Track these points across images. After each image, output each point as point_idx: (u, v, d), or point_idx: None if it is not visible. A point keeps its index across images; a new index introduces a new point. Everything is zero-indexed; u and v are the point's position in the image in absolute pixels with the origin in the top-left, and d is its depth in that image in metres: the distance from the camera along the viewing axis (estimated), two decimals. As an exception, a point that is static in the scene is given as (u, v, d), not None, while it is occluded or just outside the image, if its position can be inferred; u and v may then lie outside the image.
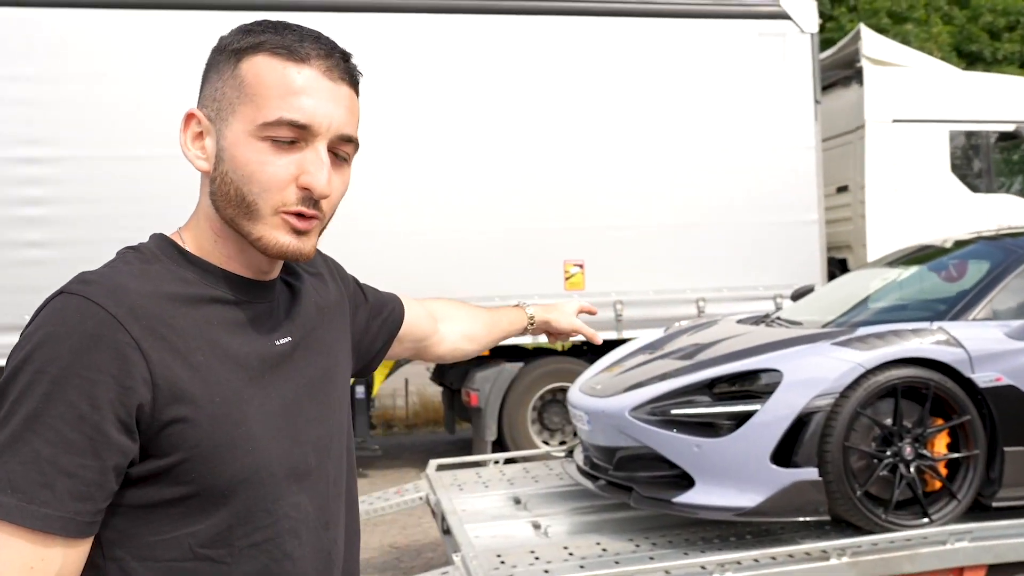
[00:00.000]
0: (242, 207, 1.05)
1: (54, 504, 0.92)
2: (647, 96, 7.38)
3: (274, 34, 1.05)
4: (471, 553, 3.46)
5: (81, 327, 0.95)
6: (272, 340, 1.11)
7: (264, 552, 1.06)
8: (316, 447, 1.13)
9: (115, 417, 0.94)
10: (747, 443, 3.34)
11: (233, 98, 1.04)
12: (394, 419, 10.36)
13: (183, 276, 1.06)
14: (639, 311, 7.36)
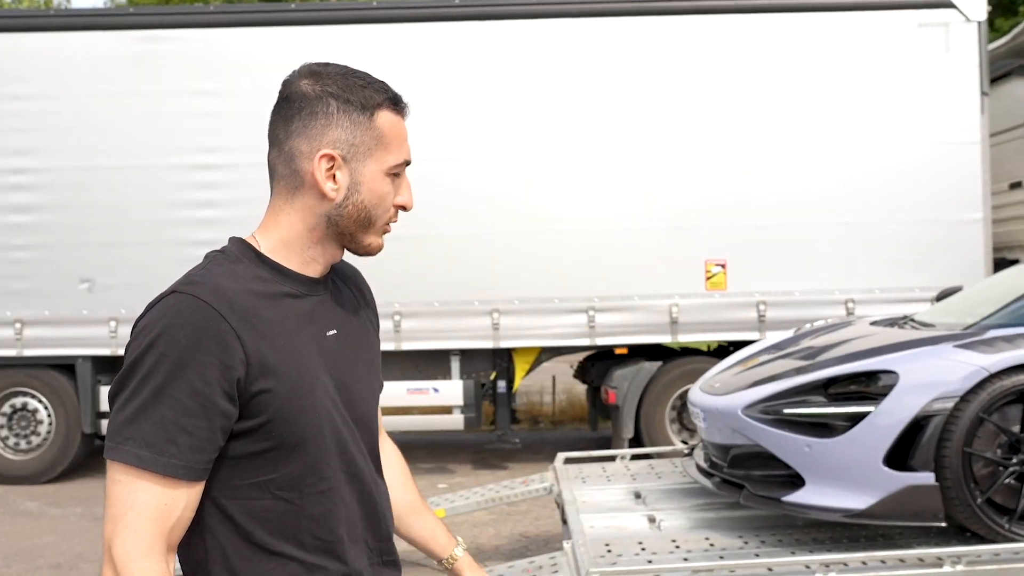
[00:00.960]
0: (365, 224, 1.38)
1: (179, 456, 1.20)
2: (798, 92, 7.23)
3: (387, 93, 1.38)
4: (580, 541, 3.58)
5: (193, 320, 1.22)
6: (325, 330, 1.38)
7: (327, 498, 1.33)
8: (360, 420, 1.41)
9: (221, 389, 1.22)
10: (859, 445, 3.29)
11: (371, 145, 1.35)
12: (541, 415, 10.56)
13: (259, 275, 1.33)
14: (783, 312, 7.22)
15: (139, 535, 1.19)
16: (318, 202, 1.34)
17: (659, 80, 7.25)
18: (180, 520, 1.23)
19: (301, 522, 1.30)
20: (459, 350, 7.45)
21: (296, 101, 1.35)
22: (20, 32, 7.22)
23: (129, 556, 1.19)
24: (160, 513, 1.21)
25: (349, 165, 1.34)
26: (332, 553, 1.33)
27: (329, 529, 1.33)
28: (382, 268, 7.13)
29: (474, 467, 7.79)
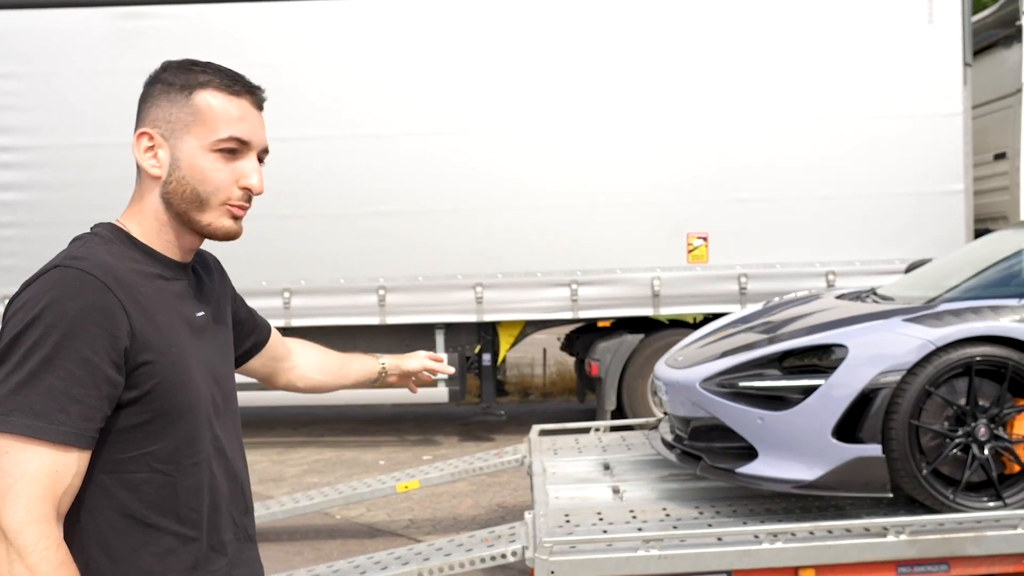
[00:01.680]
0: (195, 202, 1.40)
1: (69, 424, 1.24)
2: (778, 63, 7.22)
3: (216, 75, 1.41)
4: (541, 511, 3.67)
5: (82, 292, 1.26)
6: (195, 311, 1.46)
7: (200, 470, 1.40)
8: (224, 395, 1.50)
9: (109, 359, 1.27)
10: (809, 417, 3.36)
11: (189, 122, 1.38)
12: (531, 387, 10.67)
13: (133, 256, 1.39)
14: (764, 284, 7.27)
15: (31, 503, 1.21)
16: (151, 183, 1.40)
17: (638, 52, 7.25)
18: (70, 488, 1.26)
19: (177, 495, 1.36)
20: (444, 324, 7.52)
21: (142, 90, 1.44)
22: (6, 10, 7.23)
23: (22, 523, 1.20)
24: (52, 481, 1.23)
25: (168, 142, 1.38)
26: (202, 525, 1.40)
27: (200, 501, 1.39)
28: (366, 244, 7.30)
29: (460, 439, 7.90)
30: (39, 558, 1.20)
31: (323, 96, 7.24)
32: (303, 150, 7.22)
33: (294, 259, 7.29)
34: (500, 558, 3.40)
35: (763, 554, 3.15)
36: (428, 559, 3.47)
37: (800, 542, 3.18)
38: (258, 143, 1.43)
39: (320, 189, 7.26)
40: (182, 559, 1.37)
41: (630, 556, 3.16)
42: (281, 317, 7.23)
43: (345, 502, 4.83)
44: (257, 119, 1.43)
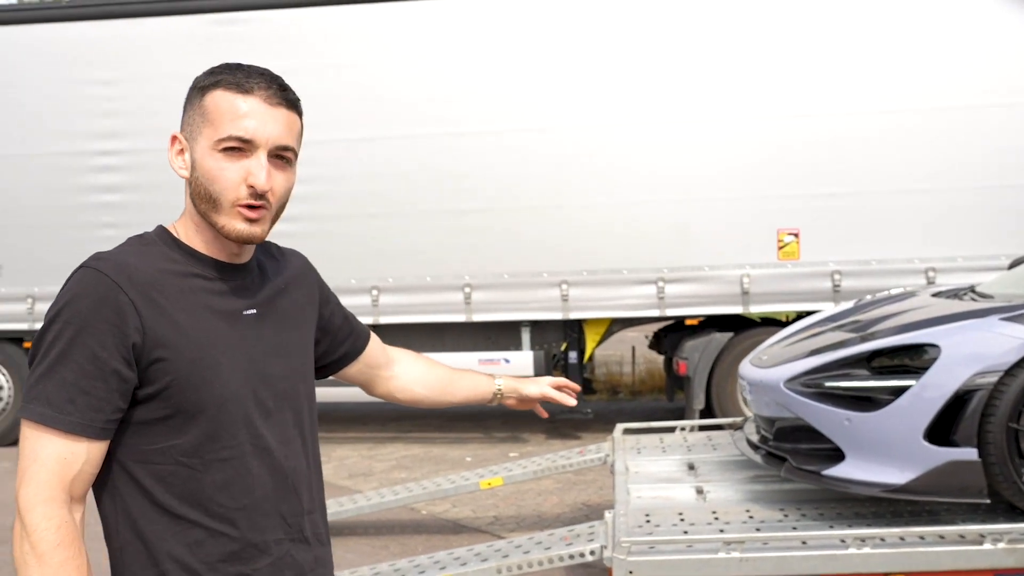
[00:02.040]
0: (210, 202, 1.40)
1: (76, 414, 1.31)
2: (875, 55, 7.00)
3: (228, 74, 1.40)
4: (621, 510, 3.65)
5: (95, 291, 1.33)
6: (240, 309, 1.46)
7: (229, 467, 1.41)
8: (277, 395, 1.48)
9: (118, 354, 1.33)
10: (899, 419, 3.24)
11: (200, 123, 1.40)
12: (620, 385, 10.60)
13: (172, 257, 1.43)
14: (859, 282, 7.05)
15: (40, 484, 1.30)
16: (186, 185, 1.44)
17: (726, 44, 7.13)
18: (81, 474, 1.33)
19: (204, 488, 1.38)
20: (529, 321, 7.54)
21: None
22: (107, 19, 7.58)
23: (31, 503, 1.29)
24: (60, 466, 1.31)
25: (191, 144, 1.41)
26: (235, 521, 1.40)
27: (232, 497, 1.40)
28: (452, 241, 7.37)
29: (547, 437, 7.91)
30: (39, 537, 1.28)
31: (409, 95, 7.35)
32: (390, 149, 7.35)
33: (382, 257, 7.42)
34: (578, 557, 3.39)
35: (850, 559, 3.05)
36: (507, 556, 3.49)
37: (890, 547, 3.07)
38: (267, 140, 1.38)
39: (407, 187, 7.37)
40: (211, 552, 1.39)
41: (710, 558, 3.10)
42: (369, 315, 7.37)
43: (429, 498, 4.90)
44: (268, 116, 1.38)
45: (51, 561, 1.29)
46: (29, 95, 7.75)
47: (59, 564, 1.29)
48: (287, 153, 1.42)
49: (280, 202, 1.44)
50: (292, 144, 1.42)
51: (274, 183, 1.40)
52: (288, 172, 1.44)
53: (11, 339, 8.02)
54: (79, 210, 7.67)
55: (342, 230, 7.39)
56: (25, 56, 7.74)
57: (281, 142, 1.39)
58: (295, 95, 1.44)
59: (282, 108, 1.40)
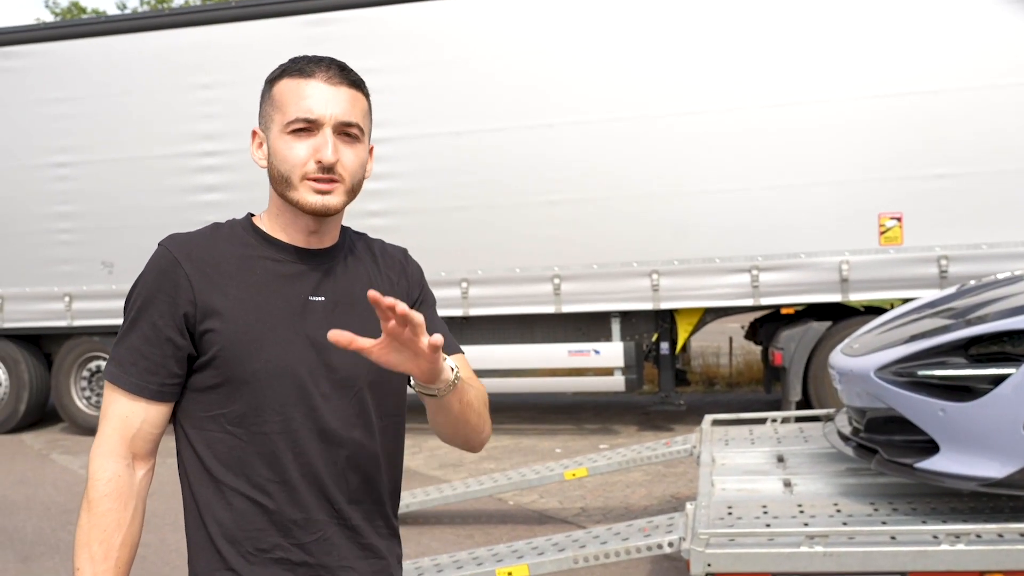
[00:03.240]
0: (283, 182, 1.47)
1: (135, 376, 1.44)
2: (976, 25, 6.62)
3: (292, 64, 1.50)
4: (703, 503, 3.55)
5: (158, 266, 1.46)
6: (306, 294, 1.49)
7: (271, 441, 1.45)
8: (334, 382, 1.48)
9: (172, 323, 1.44)
10: (998, 409, 3.05)
11: (272, 113, 1.49)
12: (717, 377, 10.39)
13: (245, 240, 1.52)
14: (968, 267, 6.70)
15: (103, 438, 1.44)
16: (265, 173, 1.52)
17: (819, 21, 6.87)
18: (140, 433, 1.45)
19: (247, 458, 1.44)
20: (619, 312, 7.46)
21: None
22: (202, 26, 7.86)
23: (95, 453, 1.44)
24: (122, 423, 1.44)
25: (266, 135, 1.50)
26: (274, 494, 1.44)
27: (272, 470, 1.44)
28: (540, 233, 7.34)
29: (639, 429, 7.81)
30: (91, 485, 1.42)
31: (496, 89, 7.36)
32: (478, 142, 7.38)
33: (471, 249, 7.46)
34: (656, 548, 3.32)
35: (942, 556, 2.89)
36: (584, 546, 3.45)
37: (986, 545, 2.89)
38: (330, 117, 1.44)
39: (495, 180, 7.39)
40: (252, 521, 1.44)
41: (792, 552, 2.99)
42: (459, 307, 7.42)
43: (513, 488, 4.90)
44: (330, 95, 1.44)
45: (97, 509, 1.41)
46: (140, 101, 8.10)
47: (102, 514, 1.41)
48: (352, 129, 1.47)
49: (354, 177, 1.49)
50: (356, 120, 1.47)
51: (342, 156, 1.45)
52: (356, 147, 1.49)
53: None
54: (184, 209, 7.98)
55: (431, 223, 7.46)
56: (136, 64, 8.10)
57: (344, 118, 1.45)
58: (357, 75, 1.50)
59: (343, 87, 1.46)
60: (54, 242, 8.43)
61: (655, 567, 4.45)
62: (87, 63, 8.21)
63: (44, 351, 8.95)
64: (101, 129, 8.20)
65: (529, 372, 7.57)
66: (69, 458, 7.63)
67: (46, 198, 8.40)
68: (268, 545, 1.44)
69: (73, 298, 8.41)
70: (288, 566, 1.45)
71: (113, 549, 1.41)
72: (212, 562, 1.45)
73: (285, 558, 1.45)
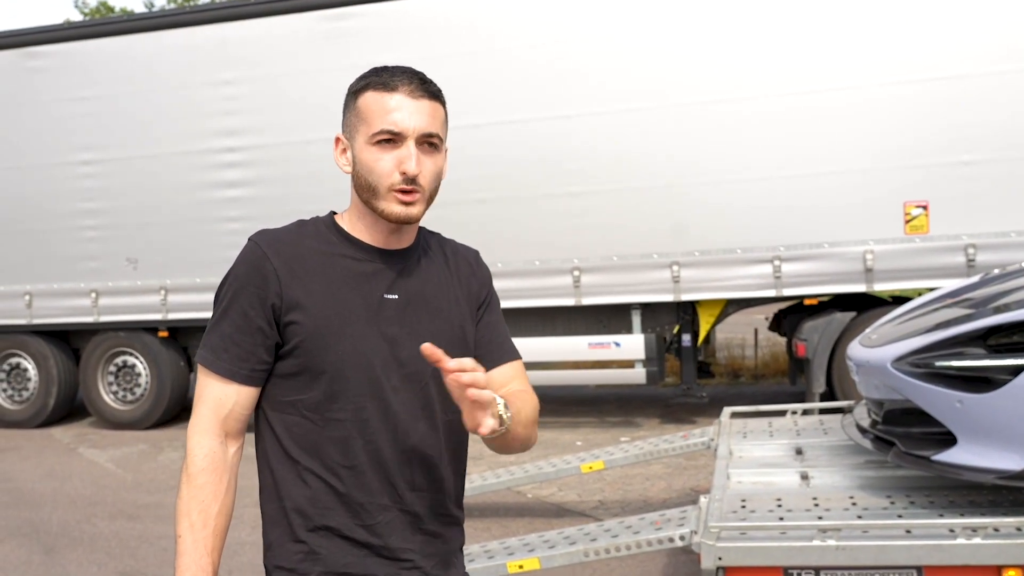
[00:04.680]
0: (370, 191, 1.57)
1: (227, 361, 1.55)
2: (998, 8, 6.48)
3: (375, 76, 1.58)
4: (717, 495, 3.51)
5: (249, 260, 1.57)
6: (381, 292, 1.59)
7: (344, 427, 1.56)
8: (404, 376, 1.58)
9: (262, 313, 1.54)
10: (1016, 400, 2.98)
11: (357, 123, 1.58)
12: (742, 369, 10.29)
13: (328, 238, 1.62)
14: (997, 255, 6.58)
15: (199, 417, 1.56)
16: (351, 180, 1.61)
17: (842, 8, 6.76)
18: (232, 413, 1.56)
19: (321, 442, 1.55)
20: (640, 304, 7.41)
21: None
22: (223, 23, 7.89)
23: (192, 431, 1.56)
24: (216, 404, 1.55)
25: (351, 142, 1.59)
26: (343, 477, 1.55)
27: (344, 455, 1.55)
28: (560, 225, 7.31)
29: (661, 421, 7.77)
30: (190, 460, 1.54)
31: (514, 81, 7.33)
32: (497, 135, 7.35)
33: (490, 242, 7.40)
34: (667, 542, 3.28)
35: (958, 550, 2.83)
36: (595, 540, 3.42)
37: (1004, 539, 2.83)
38: (413, 130, 1.53)
39: (515, 172, 7.36)
40: (323, 500, 1.55)
41: (804, 546, 2.94)
42: (479, 300, 7.40)
43: (531, 481, 4.88)
44: (413, 108, 1.53)
45: (195, 482, 1.53)
46: (163, 98, 8.17)
47: (200, 486, 1.53)
48: (433, 139, 1.56)
49: (432, 184, 1.58)
50: (437, 131, 1.56)
51: (423, 167, 1.55)
52: (436, 156, 1.58)
53: (147, 328, 8.51)
54: (206, 206, 8.04)
55: (450, 216, 7.38)
56: (158, 61, 8.16)
57: (426, 130, 1.54)
58: (436, 87, 1.59)
59: (425, 99, 1.55)
60: (80, 239, 8.53)
61: (672, 559, 4.42)
62: (110, 62, 8.29)
63: (72, 347, 9.07)
64: (125, 127, 8.28)
65: (550, 365, 7.54)
66: (96, 452, 7.73)
67: (72, 195, 8.51)
68: (336, 523, 1.55)
69: (100, 294, 8.51)
70: (353, 544, 1.56)
71: (211, 517, 1.52)
72: (285, 534, 1.57)
73: (351, 536, 1.55)
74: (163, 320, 8.33)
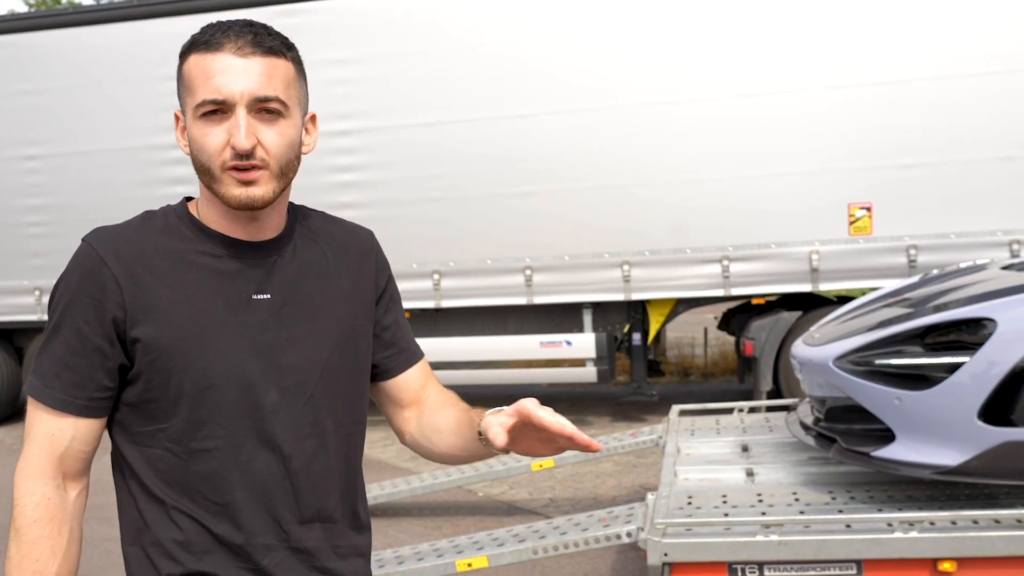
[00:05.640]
0: (205, 173, 1.29)
1: (59, 389, 1.30)
2: (942, 13, 6.66)
3: (200, 35, 1.30)
4: (664, 492, 3.56)
5: (82, 265, 1.30)
6: (249, 293, 1.33)
7: (214, 458, 1.31)
8: (284, 389, 1.34)
9: (100, 329, 1.28)
10: (951, 397, 3.07)
11: (183, 94, 1.31)
12: (692, 367, 10.42)
13: (180, 232, 1.34)
14: (937, 256, 6.75)
15: (28, 458, 1.31)
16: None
17: (787, 9, 6.88)
18: (70, 451, 1.31)
19: (188, 478, 1.31)
20: (591, 303, 7.47)
21: None
22: (173, 16, 7.77)
23: (19, 476, 1.30)
24: (48, 442, 1.30)
25: (186, 119, 1.32)
26: (217, 517, 1.31)
27: (219, 491, 1.31)
28: (511, 224, 7.33)
29: (612, 420, 7.83)
30: (19, 512, 1.29)
31: (467, 80, 7.33)
32: (449, 133, 7.35)
33: (443, 241, 7.44)
34: (615, 539, 3.33)
35: (896, 544, 2.91)
36: (544, 537, 3.45)
37: (940, 532, 2.91)
38: (241, 95, 1.25)
39: (466, 171, 7.36)
40: (198, 543, 1.32)
41: (748, 541, 3.00)
42: (431, 299, 7.41)
43: (481, 479, 4.90)
44: (239, 69, 1.26)
45: (26, 537, 1.28)
46: (111, 93, 8.00)
47: (32, 541, 1.27)
48: (271, 104, 1.28)
49: (282, 158, 1.30)
50: (275, 93, 1.28)
51: (262, 138, 1.27)
52: (281, 124, 1.29)
53: None
54: (155, 202, 7.78)
55: (403, 214, 7.43)
56: (107, 55, 7.99)
57: (259, 93, 1.26)
58: (277, 39, 1.31)
59: (257, 56, 1.27)
60: (24, 235, 8.34)
61: (621, 556, 4.47)
62: (57, 54, 8.11)
63: (16, 346, 8.86)
64: (72, 121, 8.11)
65: (502, 364, 7.56)
66: (39, 453, 7.55)
67: (16, 191, 8.32)
68: (214, 567, 1.32)
69: (44, 292, 8.32)
70: None
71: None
72: None
73: None
74: (109, 318, 8.16)
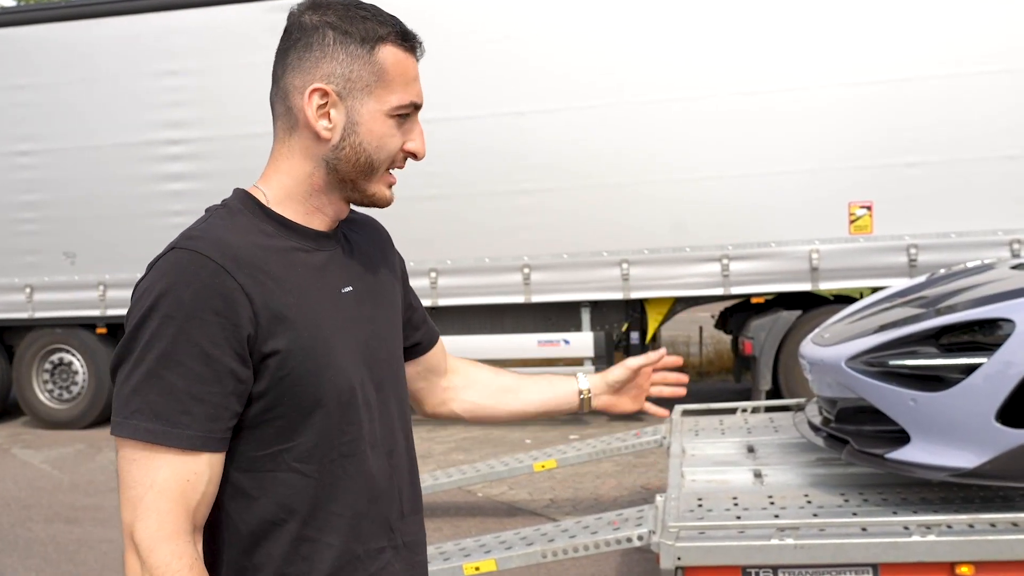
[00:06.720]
0: (367, 170, 1.26)
1: (194, 426, 1.11)
2: (945, 12, 6.62)
3: (393, 27, 1.25)
4: (673, 494, 3.51)
5: (197, 277, 1.12)
6: (339, 286, 1.28)
7: (341, 468, 1.23)
8: (379, 383, 1.31)
9: (231, 350, 1.13)
10: (968, 399, 3.03)
11: (370, 80, 1.23)
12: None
13: (264, 228, 1.23)
14: (938, 256, 6.73)
15: (162, 517, 1.10)
16: (314, 144, 1.23)
17: (791, 9, 6.84)
18: (205, 496, 1.15)
19: (318, 497, 1.21)
20: (589, 302, 7.42)
21: (294, 33, 1.24)
22: (166, 11, 7.68)
23: (153, 540, 1.09)
24: (183, 490, 1.11)
25: (345, 103, 1.22)
26: (341, 530, 1.24)
27: (346, 504, 1.24)
28: (510, 223, 7.27)
29: (609, 419, 7.78)
30: None
31: (465, 77, 7.26)
32: (448, 130, 7.28)
33: (440, 239, 7.38)
34: (625, 542, 3.28)
35: (913, 547, 2.87)
36: (552, 540, 3.40)
37: (957, 535, 2.87)
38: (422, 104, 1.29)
39: (465, 168, 7.30)
40: (319, 567, 1.22)
41: (763, 544, 2.95)
42: (428, 297, 7.34)
43: (482, 480, 4.83)
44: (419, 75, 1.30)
45: None
46: (104, 88, 7.91)
47: None
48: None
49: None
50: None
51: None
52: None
53: (84, 325, 8.25)
54: (147, 199, 7.82)
55: (400, 212, 7.26)
56: (100, 50, 7.90)
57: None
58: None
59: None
60: (15, 232, 8.24)
61: (626, 558, 4.42)
62: (49, 49, 8.01)
63: (5, 343, 8.76)
64: (64, 117, 8.01)
65: (499, 362, 7.49)
66: (31, 452, 7.47)
67: (7, 187, 8.21)
68: None
69: (35, 289, 8.22)
70: None
71: None
72: None
73: None
74: (101, 316, 8.09)
